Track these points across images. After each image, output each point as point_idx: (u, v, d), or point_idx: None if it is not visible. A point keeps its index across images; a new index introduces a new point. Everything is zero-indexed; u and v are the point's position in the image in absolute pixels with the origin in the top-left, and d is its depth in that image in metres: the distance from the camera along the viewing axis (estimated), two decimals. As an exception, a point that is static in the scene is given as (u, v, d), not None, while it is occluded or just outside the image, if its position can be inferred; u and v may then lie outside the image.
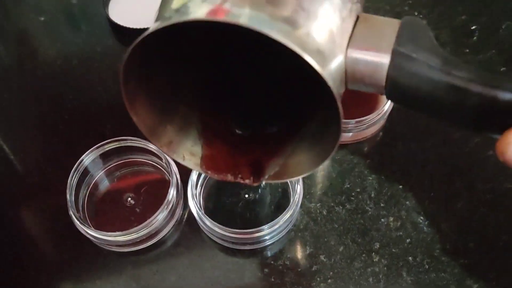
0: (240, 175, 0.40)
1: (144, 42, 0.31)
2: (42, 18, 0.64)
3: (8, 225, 0.51)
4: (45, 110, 0.58)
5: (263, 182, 0.41)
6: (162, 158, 0.49)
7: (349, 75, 0.33)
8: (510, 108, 0.30)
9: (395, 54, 0.32)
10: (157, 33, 0.30)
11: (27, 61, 0.62)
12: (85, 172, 0.50)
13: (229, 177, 0.41)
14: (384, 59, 0.32)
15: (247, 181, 0.40)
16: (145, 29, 0.31)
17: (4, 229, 0.51)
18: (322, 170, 0.52)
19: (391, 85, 0.33)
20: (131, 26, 0.60)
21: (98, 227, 0.48)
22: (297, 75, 0.33)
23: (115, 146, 0.50)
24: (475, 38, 0.59)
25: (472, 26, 0.60)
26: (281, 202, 0.49)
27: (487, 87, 0.30)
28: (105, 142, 0.50)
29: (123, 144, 0.50)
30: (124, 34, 0.61)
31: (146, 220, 0.46)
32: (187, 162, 0.42)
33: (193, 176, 0.48)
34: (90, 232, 0.46)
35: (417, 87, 0.32)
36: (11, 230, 0.51)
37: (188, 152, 0.42)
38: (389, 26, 0.33)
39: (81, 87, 0.59)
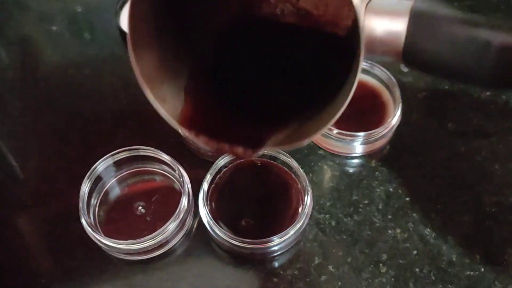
0: (236, 145, 0.38)
1: None
2: (54, 28, 0.65)
3: (19, 232, 0.52)
4: (57, 119, 0.58)
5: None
6: (175, 168, 0.49)
7: (367, 42, 0.32)
8: None
9: (413, 14, 0.31)
10: None
11: (39, 70, 0.62)
12: (97, 180, 0.50)
13: (224, 146, 0.38)
14: (402, 24, 0.31)
15: (240, 150, 0.38)
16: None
17: (15, 236, 0.51)
18: (331, 182, 0.52)
19: (409, 50, 0.32)
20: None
21: (108, 235, 0.48)
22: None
23: (127, 155, 0.51)
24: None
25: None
26: (291, 212, 0.50)
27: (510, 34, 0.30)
28: (118, 151, 0.50)
29: (135, 153, 0.51)
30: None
31: (156, 229, 0.47)
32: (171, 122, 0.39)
33: (205, 185, 0.49)
34: (102, 240, 0.46)
35: (436, 47, 0.31)
36: (23, 237, 0.51)
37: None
38: None
39: (92, 96, 0.59)
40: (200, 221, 0.49)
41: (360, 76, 0.57)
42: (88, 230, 0.47)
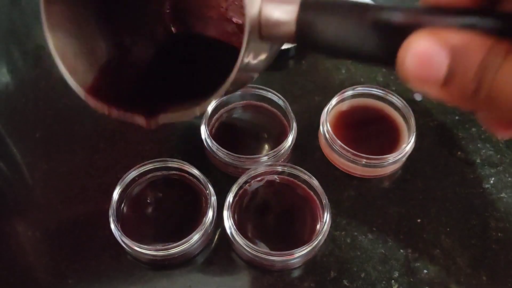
0: (134, 115, 0.41)
1: None
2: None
3: (49, 234, 0.54)
4: (87, 129, 0.61)
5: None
6: (201, 179, 0.52)
7: (263, 27, 0.36)
8: (401, 30, 0.30)
9: (302, 2, 0.34)
10: None
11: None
12: (126, 189, 0.53)
13: (125, 114, 0.41)
14: (292, 12, 0.34)
15: (139, 119, 0.41)
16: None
17: (46, 237, 0.53)
18: (347, 202, 0.55)
19: (300, 36, 0.35)
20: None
21: (135, 240, 0.50)
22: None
23: (156, 166, 0.53)
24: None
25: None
26: (310, 228, 0.52)
27: (384, 11, 0.31)
28: (145, 162, 0.53)
29: (163, 164, 0.53)
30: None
31: (181, 238, 0.49)
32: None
33: (230, 198, 0.51)
34: (130, 245, 0.49)
35: (324, 33, 0.33)
36: (53, 239, 0.53)
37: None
38: None
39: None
40: (223, 231, 0.51)
41: (376, 103, 0.61)
42: (117, 235, 0.49)
